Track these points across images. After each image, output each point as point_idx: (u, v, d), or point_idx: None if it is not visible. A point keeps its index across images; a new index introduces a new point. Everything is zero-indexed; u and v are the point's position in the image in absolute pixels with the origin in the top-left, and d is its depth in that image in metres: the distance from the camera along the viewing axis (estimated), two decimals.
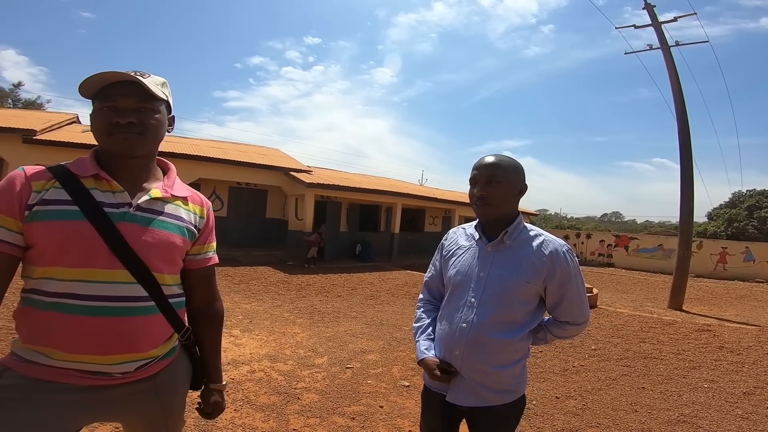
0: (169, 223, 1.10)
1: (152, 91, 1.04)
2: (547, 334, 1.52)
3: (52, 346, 0.97)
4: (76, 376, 0.99)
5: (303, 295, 7.64)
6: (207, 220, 1.24)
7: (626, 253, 20.98)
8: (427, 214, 18.90)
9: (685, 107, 10.12)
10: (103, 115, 1.02)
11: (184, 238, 1.13)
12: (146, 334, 1.05)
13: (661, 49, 10.41)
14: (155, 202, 1.09)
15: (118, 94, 1.02)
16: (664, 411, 3.40)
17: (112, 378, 1.03)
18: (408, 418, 3.01)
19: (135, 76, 1.02)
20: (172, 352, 1.17)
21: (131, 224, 1.03)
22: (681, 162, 10.10)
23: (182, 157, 11.16)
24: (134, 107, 1.03)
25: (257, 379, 3.55)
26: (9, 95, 30.35)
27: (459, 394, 1.41)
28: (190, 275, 1.21)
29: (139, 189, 1.09)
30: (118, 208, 1.03)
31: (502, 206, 1.43)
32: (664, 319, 7.51)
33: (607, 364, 4.60)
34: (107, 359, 1.00)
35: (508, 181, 1.42)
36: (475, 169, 1.46)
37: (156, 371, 1.12)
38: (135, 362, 1.04)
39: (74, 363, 0.98)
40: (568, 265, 1.40)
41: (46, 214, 0.97)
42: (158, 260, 1.06)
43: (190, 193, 1.22)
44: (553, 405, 3.41)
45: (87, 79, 1.00)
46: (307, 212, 12.58)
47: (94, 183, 1.03)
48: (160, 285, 1.07)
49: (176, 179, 1.21)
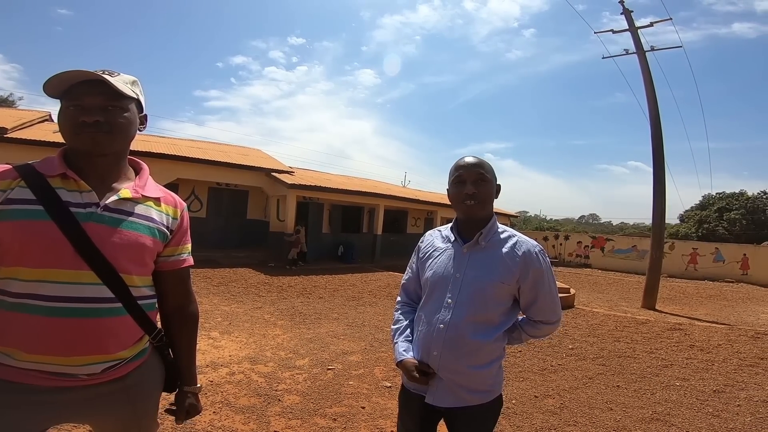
0: (138, 223, 1.08)
1: (119, 89, 1.02)
2: (521, 334, 1.54)
3: (13, 346, 0.96)
4: (39, 377, 0.98)
5: (284, 297, 7.58)
6: (180, 221, 1.22)
7: (602, 254, 21.50)
8: (409, 215, 18.98)
9: (658, 112, 10.43)
10: (69, 114, 1.01)
11: (154, 239, 1.11)
12: (113, 335, 1.03)
13: (637, 53, 10.73)
14: (124, 202, 1.07)
15: (85, 92, 1.01)
16: (638, 409, 3.50)
17: (78, 379, 1.01)
18: (390, 419, 3.02)
19: (100, 75, 1.01)
20: (143, 353, 1.15)
21: (98, 224, 1.01)
22: (654, 165, 10.41)
23: (160, 156, 10.91)
24: (101, 105, 1.02)
25: (237, 381, 3.51)
26: None
27: (438, 395, 1.43)
28: (164, 277, 1.20)
29: (109, 189, 1.07)
30: (84, 208, 1.01)
31: (489, 204, 1.47)
32: (638, 318, 7.72)
33: (583, 363, 4.71)
34: (71, 360, 0.98)
35: (492, 180, 1.48)
36: (461, 168, 1.47)
37: (125, 373, 1.10)
38: (101, 364, 1.03)
39: (36, 364, 0.96)
40: (540, 266, 1.43)
41: (9, 213, 0.95)
42: (126, 261, 1.04)
43: (162, 194, 1.20)
44: (532, 404, 3.47)
45: (51, 78, 0.99)
46: (289, 213, 12.47)
47: (60, 182, 1.02)
48: (128, 286, 1.05)
49: (149, 179, 1.19)
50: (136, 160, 1.22)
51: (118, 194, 1.06)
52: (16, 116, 11.97)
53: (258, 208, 14.84)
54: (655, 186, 10.38)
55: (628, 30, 10.81)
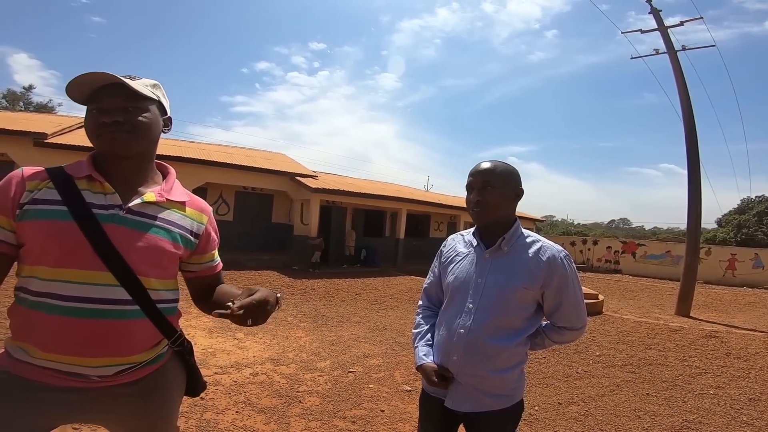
0: (160, 227, 1.07)
1: (136, 90, 1.04)
2: (545, 340, 1.52)
3: (30, 343, 0.97)
4: (53, 376, 0.99)
5: (307, 300, 7.66)
6: (206, 226, 1.21)
7: (633, 260, 20.83)
8: (432, 219, 18.90)
9: (692, 112, 10.07)
10: (92, 116, 1.04)
11: (175, 244, 1.10)
12: (127, 338, 1.02)
13: (668, 53, 10.39)
14: (148, 205, 1.07)
15: (105, 94, 1.03)
16: (668, 417, 3.37)
17: (90, 380, 1.01)
18: (409, 423, 3.01)
19: (115, 75, 1.02)
20: (159, 358, 1.14)
21: (119, 226, 1.01)
22: (688, 168, 10.04)
23: (190, 161, 11.25)
24: (120, 107, 1.03)
25: (260, 381, 3.56)
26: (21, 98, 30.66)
27: (457, 400, 1.42)
28: (201, 283, 1.22)
29: (134, 192, 1.08)
30: (107, 210, 1.01)
31: (498, 211, 1.44)
32: (671, 325, 7.44)
33: (611, 370, 4.56)
34: (84, 361, 0.98)
35: (502, 186, 1.44)
36: (471, 175, 1.47)
37: (139, 377, 1.09)
38: (114, 366, 1.02)
39: (51, 362, 0.97)
40: (565, 271, 1.41)
41: (34, 213, 0.98)
42: (144, 264, 1.04)
43: (188, 198, 1.19)
44: (555, 411, 3.39)
45: (70, 83, 1.02)
46: (313, 217, 12.63)
47: (86, 184, 1.03)
48: (146, 289, 1.04)
49: (175, 184, 1.18)
50: (164, 164, 1.22)
51: (142, 197, 1.06)
52: (56, 122, 12.44)
53: (282, 212, 15.09)
54: (690, 189, 10.00)
55: (657, 30, 10.49)
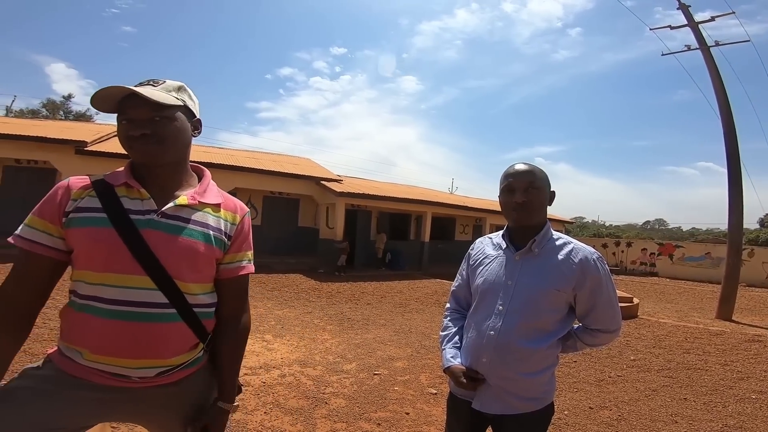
0: (193, 230, 1.09)
1: (158, 101, 1.04)
2: (577, 342, 1.49)
3: (82, 346, 1.02)
4: (98, 375, 1.03)
5: (333, 303, 7.73)
6: (240, 227, 1.20)
7: (671, 262, 20.04)
8: (457, 222, 18.73)
9: (730, 109, 9.68)
10: (122, 128, 1.06)
11: (209, 246, 1.11)
12: (164, 341, 1.05)
13: (701, 49, 10.04)
14: (181, 209, 1.09)
15: (130, 105, 1.04)
16: (706, 422, 3.24)
17: (131, 381, 1.05)
18: (434, 426, 2.99)
19: (130, 89, 1.03)
20: (197, 361, 1.15)
21: (155, 231, 1.04)
22: (728, 166, 9.63)
23: (219, 167, 11.63)
24: (147, 117, 1.04)
25: (287, 383, 3.62)
26: (60, 107, 32.10)
27: (486, 402, 1.41)
28: (222, 284, 1.19)
29: (169, 196, 1.10)
30: (143, 215, 1.05)
31: (541, 212, 1.44)
32: (712, 329, 7.12)
33: (647, 374, 4.40)
34: (126, 362, 1.02)
35: (544, 188, 1.44)
36: (511, 176, 1.45)
37: (178, 379, 1.11)
38: (154, 368, 1.05)
39: (98, 363, 1.02)
40: (598, 273, 1.38)
41: (79, 220, 1.03)
42: (180, 267, 1.06)
43: (223, 200, 1.20)
44: (586, 415, 3.29)
45: (93, 98, 1.04)
46: (338, 221, 12.75)
47: (125, 191, 1.07)
48: (183, 293, 1.06)
49: (210, 185, 1.20)
50: (199, 166, 1.24)
51: (174, 201, 1.08)
52: (94, 130, 13.06)
53: (308, 216, 15.29)
54: (730, 188, 9.56)
55: (688, 25, 10.15)
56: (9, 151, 10.58)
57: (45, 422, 0.98)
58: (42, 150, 10.52)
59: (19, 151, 10.60)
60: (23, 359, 3.17)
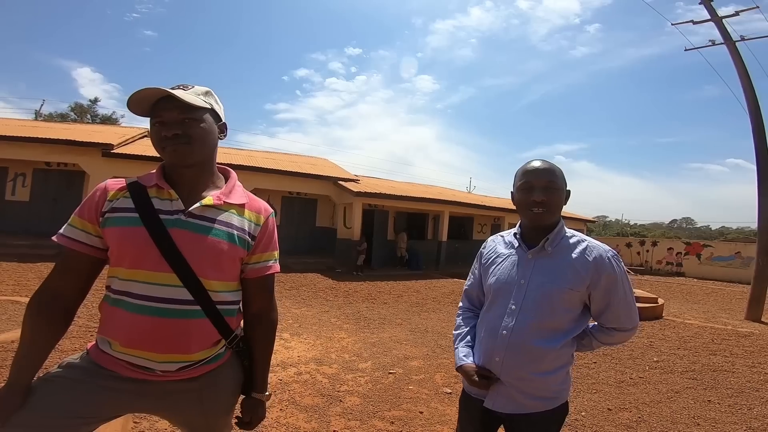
0: (218, 229, 1.13)
1: (188, 102, 1.10)
2: (592, 341, 1.47)
3: (113, 338, 1.08)
4: (125, 367, 1.09)
5: (350, 302, 7.77)
6: (264, 227, 1.23)
7: (698, 262, 19.41)
8: (475, 221, 18.56)
9: (758, 104, 9.35)
10: (155, 130, 1.12)
11: (232, 245, 1.14)
12: (187, 336, 1.09)
13: (726, 44, 9.72)
14: (207, 209, 1.13)
15: (162, 108, 1.10)
16: (730, 425, 3.14)
17: (154, 374, 1.10)
18: (447, 425, 2.97)
19: (169, 90, 1.09)
20: (218, 357, 1.19)
21: (181, 230, 1.09)
22: (757, 163, 9.29)
23: (239, 168, 11.78)
24: (178, 119, 1.10)
25: (303, 380, 3.65)
26: (88, 111, 32.96)
27: (498, 401, 1.40)
28: (248, 284, 1.23)
29: (197, 197, 1.15)
30: (172, 215, 1.10)
31: (558, 211, 1.42)
32: (740, 331, 6.87)
33: (670, 376, 4.28)
34: (151, 356, 1.07)
35: (563, 187, 1.42)
36: (529, 174, 1.43)
37: (199, 374, 1.15)
38: (176, 363, 1.10)
39: (126, 355, 1.07)
40: (614, 271, 1.36)
41: (113, 220, 1.09)
42: (204, 265, 1.10)
43: (248, 200, 1.23)
44: (604, 417, 3.22)
45: (130, 99, 1.10)
46: (355, 221, 12.81)
47: (156, 192, 1.13)
48: (206, 290, 1.10)
49: (236, 186, 1.24)
50: (226, 168, 1.28)
51: (201, 202, 1.13)
52: (120, 133, 13.44)
53: (326, 216, 15.40)
54: (759, 185, 9.21)
55: (711, 20, 9.82)
56: (39, 155, 10.98)
57: (76, 410, 1.04)
58: (71, 153, 10.89)
59: (50, 154, 11.00)
60: (53, 355, 3.29)
